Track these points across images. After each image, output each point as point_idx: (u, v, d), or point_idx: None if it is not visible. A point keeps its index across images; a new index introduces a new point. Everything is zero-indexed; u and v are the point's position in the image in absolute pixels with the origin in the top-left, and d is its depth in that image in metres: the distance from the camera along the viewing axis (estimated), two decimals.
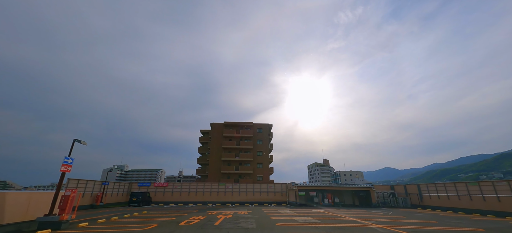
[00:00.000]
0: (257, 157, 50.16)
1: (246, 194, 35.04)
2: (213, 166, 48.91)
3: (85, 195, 25.37)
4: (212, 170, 48.58)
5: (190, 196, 34.53)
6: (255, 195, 34.94)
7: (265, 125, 53.16)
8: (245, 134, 50.82)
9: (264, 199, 34.69)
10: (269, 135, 52.75)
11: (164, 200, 33.98)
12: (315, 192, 30.77)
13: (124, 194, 32.33)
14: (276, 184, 36.15)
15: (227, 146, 49.61)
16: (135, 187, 34.62)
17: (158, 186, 34.74)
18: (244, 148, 50.33)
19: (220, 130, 51.60)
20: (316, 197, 30.59)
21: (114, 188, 30.57)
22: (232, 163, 49.38)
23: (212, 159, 49.38)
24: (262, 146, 51.08)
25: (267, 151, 50.94)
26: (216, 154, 49.71)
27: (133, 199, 29.36)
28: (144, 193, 31.08)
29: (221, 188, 35.34)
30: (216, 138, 51.03)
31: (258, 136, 51.91)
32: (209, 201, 34.34)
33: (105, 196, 28.16)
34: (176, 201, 34.05)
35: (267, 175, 48.46)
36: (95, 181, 27.29)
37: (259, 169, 49.27)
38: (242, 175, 47.97)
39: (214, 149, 50.11)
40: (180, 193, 34.61)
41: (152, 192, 34.30)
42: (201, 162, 54.15)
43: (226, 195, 34.97)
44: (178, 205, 30.68)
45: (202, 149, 55.05)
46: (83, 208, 24.11)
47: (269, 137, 52.59)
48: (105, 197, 28.25)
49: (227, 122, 52.19)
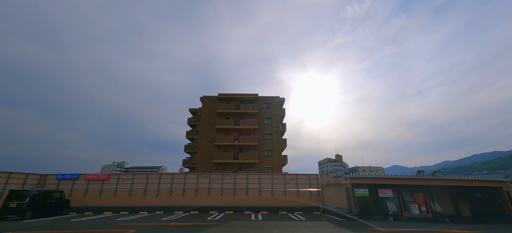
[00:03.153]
0: (264, 141, 33.87)
1: (248, 193, 18.80)
2: (202, 154, 32.87)
3: None
4: (200, 160, 32.54)
5: (148, 197, 18.56)
6: (263, 195, 18.67)
7: (275, 98, 36.84)
8: (247, 109, 34.65)
9: (281, 203, 18.37)
10: (281, 112, 36.39)
11: (100, 204, 18.05)
12: (390, 188, 14.17)
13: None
14: (300, 175, 19.73)
15: (223, 126, 33.54)
16: (51, 181, 18.79)
17: (92, 179, 18.83)
18: (246, 129, 34.16)
19: (213, 106, 35.60)
20: (392, 199, 14.00)
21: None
22: (230, 149, 33.22)
23: (201, 145, 33.37)
24: (272, 126, 34.74)
25: (279, 133, 34.60)
26: (207, 138, 33.68)
27: (9, 205, 13.50)
28: (46, 193, 15.20)
29: (203, 184, 19.21)
30: (207, 117, 35.04)
31: (265, 113, 35.63)
32: (183, 205, 18.25)
33: None
34: (122, 205, 18.08)
35: (279, 166, 32.10)
36: None
37: (267, 157, 32.95)
38: (244, 165, 31.74)
39: (204, 131, 34.11)
40: (129, 193, 18.64)
41: (79, 191, 18.44)
42: (189, 150, 38.23)
43: (213, 195, 18.80)
44: (118, 215, 14.81)
45: (191, 134, 39.17)
46: None
47: (281, 115, 36.25)
48: None
49: (222, 94, 36.13)
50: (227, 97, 35.97)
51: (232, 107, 34.78)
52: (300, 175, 19.62)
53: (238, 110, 34.55)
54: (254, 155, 31.73)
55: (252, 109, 34.60)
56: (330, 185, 16.76)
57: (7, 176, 16.15)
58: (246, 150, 33.37)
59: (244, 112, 34.80)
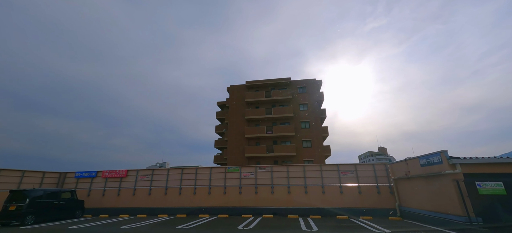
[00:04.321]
0: (301, 130, 28.82)
1: (290, 190, 14.18)
2: (233, 148, 29.29)
3: None
4: (231, 154, 28.98)
5: (170, 197, 15.27)
6: (311, 194, 13.85)
7: (310, 80, 31.46)
8: (279, 96, 29.99)
9: (336, 203, 13.30)
10: (319, 96, 30.90)
11: (118, 205, 15.36)
12: None
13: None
14: (360, 166, 14.26)
15: (253, 117, 29.46)
16: (70, 179, 16.80)
17: (110, 176, 16.29)
18: (280, 118, 29.55)
19: (241, 95, 31.80)
20: None
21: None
22: (262, 141, 28.99)
23: (231, 138, 29.82)
24: (309, 113, 29.50)
25: (318, 120, 29.16)
26: (236, 131, 30.02)
27: (8, 208, 11.20)
28: (52, 193, 12.79)
29: (233, 180, 15.21)
30: (235, 108, 31.39)
31: (300, 98, 30.53)
32: (210, 206, 14.54)
33: None
34: (141, 206, 15.12)
35: (321, 159, 26.74)
36: None
37: (306, 149, 27.84)
38: (279, 159, 27.17)
39: (233, 124, 30.51)
40: (149, 192, 15.60)
41: (97, 190, 16.05)
42: (219, 146, 35.12)
43: (246, 194, 14.67)
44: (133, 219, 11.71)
45: (220, 128, 36.05)
46: None
47: (319, 100, 30.75)
48: None
49: (250, 81, 32.09)
50: (256, 84, 31.81)
51: (262, 95, 30.51)
52: (360, 165, 14.26)
53: (268, 98, 30.13)
54: (291, 147, 26.93)
55: (285, 95, 29.82)
56: (413, 178, 11.17)
57: (21, 174, 14.33)
58: (281, 141, 28.75)
59: (276, 100, 30.23)
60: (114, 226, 10.59)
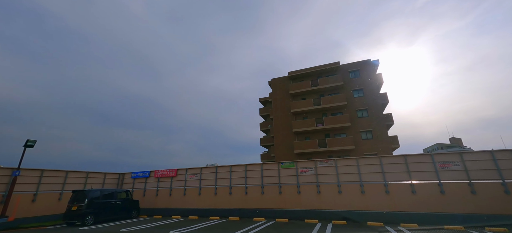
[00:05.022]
0: (358, 120, 24.68)
1: (364, 190, 11.05)
2: (280, 144, 27.03)
3: None
4: (279, 151, 26.76)
5: (220, 197, 13.87)
6: (395, 193, 10.45)
7: (364, 62, 26.92)
8: (327, 83, 26.44)
9: (434, 207, 9.66)
10: (376, 79, 26.12)
11: (170, 205, 14.74)
12: None
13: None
14: (469, 154, 10.10)
15: (299, 109, 26.65)
16: (127, 179, 17.12)
17: (161, 176, 15.89)
18: (330, 108, 25.98)
19: (285, 88, 29.33)
20: None
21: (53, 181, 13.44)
22: (313, 135, 25.91)
23: (277, 135, 27.63)
24: (365, 100, 25.12)
25: (377, 107, 24.55)
26: (283, 126, 27.68)
27: (72, 209, 11.29)
28: (109, 193, 12.68)
29: (288, 177, 12.87)
30: (279, 102, 29.08)
31: (353, 84, 26.34)
32: (264, 208, 12.57)
33: (14, 203, 11.29)
34: (191, 206, 14.13)
35: (387, 152, 22.15)
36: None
37: (367, 141, 23.60)
38: (334, 154, 23.64)
39: (279, 119, 28.26)
40: (199, 192, 14.53)
41: (151, 190, 15.83)
42: (265, 143, 33.31)
43: (305, 194, 12.14)
44: (185, 222, 10.64)
45: (265, 125, 34.26)
46: None
47: (377, 83, 25.98)
48: (17, 205, 11.34)
49: (293, 71, 29.33)
50: (299, 74, 28.89)
51: (308, 84, 27.41)
52: (468, 153, 10.15)
53: (315, 87, 26.85)
54: (347, 140, 23.13)
55: (334, 82, 26.10)
56: None
57: (85, 176, 14.96)
58: (334, 134, 25.14)
59: (324, 88, 26.73)
60: (164, 230, 9.47)
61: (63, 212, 12.96)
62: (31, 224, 11.65)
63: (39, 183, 12.59)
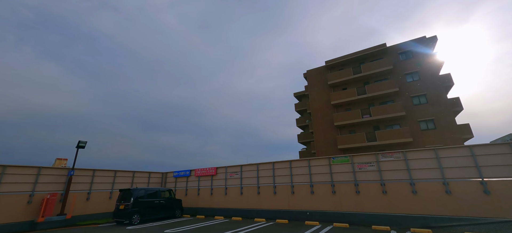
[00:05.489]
0: (414, 108, 21.08)
1: (449, 188, 8.57)
2: (321, 140, 24.79)
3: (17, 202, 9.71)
4: (320, 148, 24.54)
5: (263, 197, 12.63)
6: (498, 193, 7.82)
7: (418, 40, 23.01)
8: (372, 69, 23.29)
9: None
10: (434, 58, 22.02)
11: (212, 205, 14.08)
12: None
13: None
14: None
15: (340, 101, 24.05)
16: (170, 179, 17.13)
17: (202, 174, 15.38)
18: (378, 97, 22.79)
19: (322, 79, 26.93)
20: None
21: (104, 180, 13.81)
22: (358, 128, 23.09)
23: (317, 130, 25.44)
24: (422, 84, 21.33)
25: (440, 90, 20.56)
26: (323, 120, 25.38)
27: (120, 207, 11.27)
28: (153, 192, 12.48)
29: (341, 174, 10.95)
30: (317, 94, 26.81)
31: (404, 67, 22.70)
32: (316, 209, 10.92)
33: (70, 201, 11.82)
34: (233, 206, 13.21)
35: (457, 142, 18.22)
36: (43, 167, 11.43)
37: (428, 132, 19.92)
38: (387, 148, 20.51)
39: (317, 113, 26.04)
40: (240, 191, 13.53)
41: (193, 189, 15.45)
42: (303, 140, 31.26)
43: (366, 194, 10.10)
44: (228, 224, 9.76)
45: (302, 121, 32.21)
46: None
47: (435, 63, 21.88)
48: (73, 203, 11.83)
49: (330, 60, 26.74)
50: (338, 62, 26.19)
51: (349, 72, 24.58)
52: None
53: (358, 75, 23.90)
54: (402, 131, 19.83)
55: (381, 67, 22.82)
56: None
57: (131, 175, 15.29)
58: (386, 125, 21.94)
59: (369, 75, 23.61)
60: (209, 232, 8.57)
61: (113, 210, 13.31)
62: (86, 221, 12.06)
63: (91, 182, 13.08)
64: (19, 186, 10.48)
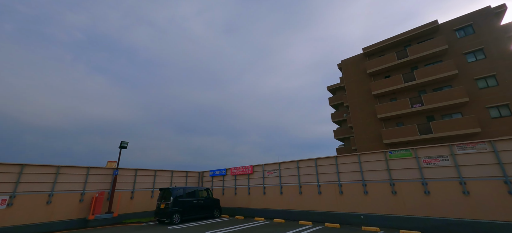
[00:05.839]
0: (479, 92, 17.64)
1: None
2: (362, 135, 22.49)
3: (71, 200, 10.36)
4: (362, 143, 22.25)
5: (306, 197, 11.41)
6: None
7: (480, 12, 19.29)
8: (421, 51, 20.22)
9: None
10: (504, 31, 18.16)
11: (250, 205, 13.34)
12: None
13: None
14: None
15: (383, 90, 21.45)
16: (206, 178, 16.95)
17: (238, 173, 14.77)
18: (431, 82, 19.69)
19: (360, 68, 24.49)
20: None
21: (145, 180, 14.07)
22: (407, 119, 20.29)
23: (357, 124, 23.18)
24: (490, 63, 17.73)
25: None
26: (363, 113, 23.02)
27: (160, 206, 11.19)
28: (191, 191, 12.20)
29: (402, 172, 9.19)
30: (355, 85, 24.46)
31: (463, 45, 19.20)
32: (371, 212, 9.39)
33: (116, 200, 12.19)
34: (273, 207, 12.28)
35: None
36: (92, 167, 11.97)
37: (499, 120, 16.43)
38: (444, 140, 17.48)
39: (356, 105, 23.73)
40: (280, 190, 12.50)
41: (229, 188, 14.95)
42: (341, 136, 28.95)
43: (438, 195, 8.24)
44: (270, 227, 8.91)
45: (338, 115, 29.91)
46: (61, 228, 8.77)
47: (507, 37, 18.02)
48: (119, 202, 12.18)
49: (369, 47, 24.14)
50: (378, 48, 23.50)
51: (392, 58, 21.80)
52: None
53: (404, 59, 21.02)
54: (466, 120, 16.69)
55: (433, 47, 19.67)
56: None
57: (170, 174, 15.43)
58: (442, 114, 18.82)
59: (417, 58, 20.58)
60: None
61: (154, 209, 13.47)
62: (131, 219, 12.32)
63: (134, 181, 13.40)
64: (72, 185, 11.05)
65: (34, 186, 9.99)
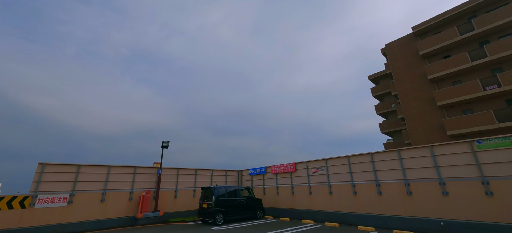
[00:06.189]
0: None
1: None
2: (415, 126, 19.47)
3: (121, 198, 10.82)
4: (417, 135, 19.24)
5: (362, 196, 9.82)
6: None
7: None
8: (492, 22, 16.49)
9: None
10: None
11: (294, 206, 12.22)
12: None
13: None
14: None
15: (443, 73, 18.16)
16: (245, 177, 16.37)
17: (279, 171, 13.77)
18: (508, 58, 15.90)
19: (410, 50, 21.35)
20: None
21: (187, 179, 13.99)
22: (476, 105, 16.81)
23: (409, 115, 20.18)
24: None
25: None
26: (416, 102, 19.95)
27: (203, 206, 10.84)
28: (233, 190, 11.61)
29: (500, 166, 7.05)
30: (405, 71, 21.40)
31: None
32: (452, 218, 7.48)
33: (161, 199, 12.29)
34: (321, 208, 10.95)
35: None
36: (138, 166, 12.28)
37: None
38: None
39: (407, 93, 20.70)
40: (329, 190, 11.10)
41: (270, 188, 14.04)
42: (388, 130, 25.76)
43: None
44: (323, 229, 7.78)
45: (383, 107, 26.73)
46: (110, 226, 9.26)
47: None
48: (164, 201, 12.27)
49: (420, 25, 20.84)
50: (432, 25, 20.14)
51: (452, 34, 18.35)
52: None
53: (469, 34, 17.48)
54: None
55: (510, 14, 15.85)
56: None
57: (210, 173, 15.23)
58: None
59: (488, 31, 16.89)
60: None
61: (196, 208, 13.34)
62: (176, 218, 12.30)
63: (177, 180, 13.45)
64: (121, 184, 11.43)
65: (89, 185, 10.53)
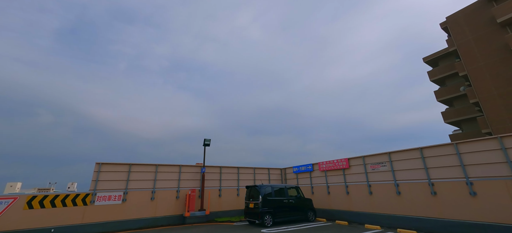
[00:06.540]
0: None
1: None
2: (497, 111, 15.65)
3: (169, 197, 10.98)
4: (498, 124, 15.43)
5: (443, 198, 7.74)
6: None
7: None
8: None
9: None
10: None
11: (351, 208, 10.58)
12: None
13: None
14: None
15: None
16: (290, 175, 15.22)
17: (328, 168, 12.24)
18: None
19: (481, 20, 17.40)
20: None
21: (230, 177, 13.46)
22: None
23: (485, 97, 16.39)
24: None
25: None
26: (495, 81, 16.08)
27: (249, 206, 10.08)
28: (280, 189, 10.59)
29: None
30: (475, 45, 17.52)
31: None
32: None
33: (206, 198, 11.99)
34: (383, 212, 9.13)
35: None
36: (183, 165, 12.23)
37: None
38: None
39: (482, 72, 16.88)
40: (396, 190, 9.21)
41: (319, 186, 12.60)
42: (454, 118, 21.53)
43: None
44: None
45: (446, 92, 22.56)
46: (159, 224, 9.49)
47: None
48: (209, 199, 11.93)
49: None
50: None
51: None
52: None
53: None
54: None
55: None
56: None
57: (253, 171, 14.56)
58: None
59: None
60: None
61: (241, 207, 12.76)
62: (221, 218, 11.87)
63: (220, 179, 13.08)
64: (168, 183, 11.46)
65: (140, 183, 10.74)
